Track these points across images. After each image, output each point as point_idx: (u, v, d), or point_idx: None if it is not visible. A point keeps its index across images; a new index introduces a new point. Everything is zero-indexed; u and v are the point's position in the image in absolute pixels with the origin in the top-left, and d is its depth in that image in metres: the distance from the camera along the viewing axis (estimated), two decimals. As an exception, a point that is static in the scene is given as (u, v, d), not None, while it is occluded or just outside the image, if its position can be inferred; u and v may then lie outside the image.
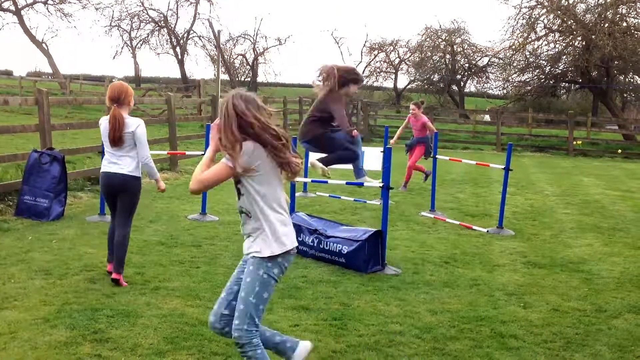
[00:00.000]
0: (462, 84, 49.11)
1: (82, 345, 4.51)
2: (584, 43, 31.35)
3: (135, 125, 5.80)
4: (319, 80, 7.49)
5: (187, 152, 13.06)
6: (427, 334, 5.06)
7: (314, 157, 8.12)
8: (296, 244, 3.82)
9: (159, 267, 6.53)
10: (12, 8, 43.15)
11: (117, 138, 5.75)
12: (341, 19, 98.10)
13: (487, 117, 34.18)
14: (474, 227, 9.26)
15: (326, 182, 8.41)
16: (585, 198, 12.76)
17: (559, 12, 31.32)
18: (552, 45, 33.47)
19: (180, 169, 13.95)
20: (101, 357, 4.34)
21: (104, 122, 5.93)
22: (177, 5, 50.04)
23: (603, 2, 30.80)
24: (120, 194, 5.89)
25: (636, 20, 31.71)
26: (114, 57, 61.54)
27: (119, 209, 5.97)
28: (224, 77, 35.60)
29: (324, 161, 7.90)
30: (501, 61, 40.07)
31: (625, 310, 5.88)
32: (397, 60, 51.82)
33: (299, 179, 8.91)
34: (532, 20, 32.49)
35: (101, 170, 6.01)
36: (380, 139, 26.63)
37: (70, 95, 33.63)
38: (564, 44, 32.90)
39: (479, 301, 5.95)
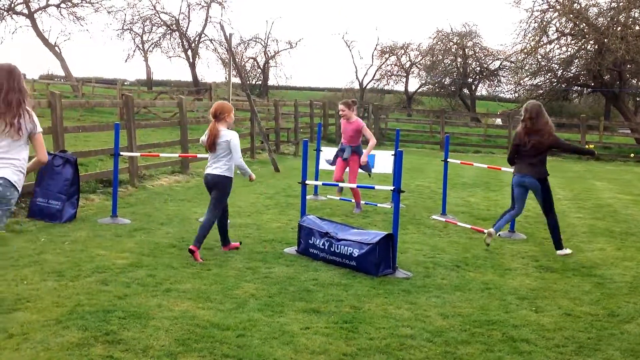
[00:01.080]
0: (473, 87, 49.04)
1: (94, 346, 4.53)
2: (596, 47, 31.21)
3: (229, 136, 7.05)
4: None
5: (198, 155, 13.06)
6: (438, 338, 5.04)
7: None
8: None
9: (171, 269, 6.55)
10: (25, 11, 43.43)
11: (212, 145, 7.09)
12: (343, 19, 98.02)
13: (498, 121, 34.07)
14: (486, 231, 9.22)
15: (337, 185, 8.42)
16: (598, 202, 12.70)
17: (571, 15, 31.20)
18: (564, 48, 33.35)
19: (191, 172, 13.99)
20: (113, 358, 4.35)
21: (206, 132, 7.23)
22: (189, 9, 50.34)
23: (616, 5, 30.67)
24: (214, 189, 7.19)
25: (649, 24, 31.55)
26: (125, 61, 61.97)
27: (210, 199, 7.30)
28: (235, 80, 35.65)
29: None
30: (513, 64, 40.00)
31: (638, 315, 5.84)
32: (408, 64, 51.81)
33: (310, 182, 8.92)
34: (544, 23, 32.38)
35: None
36: (391, 142, 26.67)
37: (83, 98, 33.82)
38: (576, 48, 32.77)
39: (490, 305, 5.93)
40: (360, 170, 10.43)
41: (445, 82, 47.93)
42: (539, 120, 7.99)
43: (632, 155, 24.89)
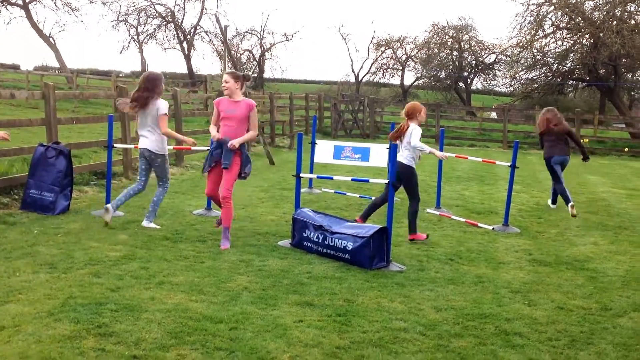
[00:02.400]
0: (469, 81, 49.03)
1: (86, 339, 4.52)
2: (591, 41, 31.23)
3: (412, 128, 8.01)
4: None
5: (192, 148, 13.03)
6: (432, 331, 5.05)
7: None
8: None
9: (164, 262, 6.54)
10: (20, 2, 43.25)
11: (397, 137, 8.13)
12: (339, 12, 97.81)
13: (493, 115, 34.11)
14: (480, 225, 9.24)
15: (332, 178, 8.41)
16: (592, 196, 12.72)
17: (567, 9, 31.21)
18: (559, 42, 33.37)
19: (186, 164, 13.96)
20: (105, 351, 4.34)
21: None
22: (184, 1, 50.16)
23: (611, -1, 30.68)
24: (404, 179, 8.09)
25: (644, 18, 31.57)
26: (120, 52, 61.86)
27: (406, 192, 8.32)
28: (231, 72, 35.57)
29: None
30: (508, 58, 40.04)
31: (631, 308, 5.86)
32: (404, 57, 51.77)
33: (305, 175, 8.90)
34: (540, 17, 32.38)
35: None
36: (386, 135, 26.59)
37: (77, 90, 33.69)
38: (571, 42, 32.78)
39: (483, 298, 5.94)
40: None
41: (441, 76, 47.91)
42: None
43: (626, 149, 24.93)
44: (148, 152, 8.01)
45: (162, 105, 7.97)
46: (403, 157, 8.07)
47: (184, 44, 51.26)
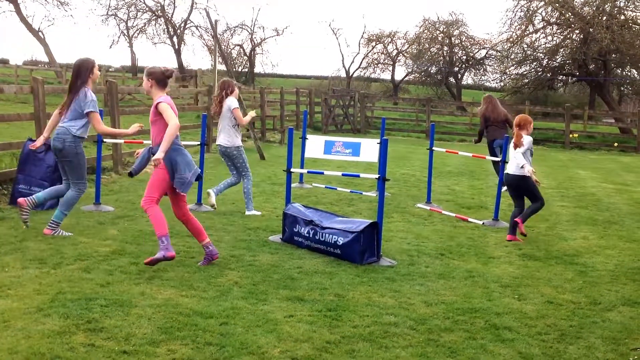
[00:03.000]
0: (459, 76, 49.12)
1: (76, 334, 4.50)
2: (581, 36, 31.35)
3: (527, 140, 8.32)
4: None
5: (183, 142, 13.00)
6: (422, 326, 5.06)
7: None
8: None
9: (154, 257, 6.50)
10: (9, -4, 42.93)
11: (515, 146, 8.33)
12: (329, 7, 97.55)
13: (484, 110, 34.10)
14: (470, 219, 9.26)
15: (322, 173, 8.40)
16: (581, 191, 12.78)
17: (557, 4, 31.30)
18: (549, 38, 33.50)
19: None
20: (95, 346, 4.33)
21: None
22: (174, -5, 49.88)
23: (601, -5, 30.77)
24: (522, 188, 8.39)
25: (634, 14, 31.73)
26: (110, 47, 61.60)
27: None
28: (221, 67, 35.40)
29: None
30: (499, 54, 40.09)
31: (620, 302, 5.89)
32: (394, 52, 51.80)
33: (296, 170, 8.90)
34: (530, 12, 32.48)
35: None
36: (377, 130, 26.63)
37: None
38: (561, 37, 32.90)
39: (473, 293, 5.95)
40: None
41: (432, 71, 47.97)
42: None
43: (615, 144, 25.05)
44: (222, 148, 9.20)
45: (231, 102, 9.13)
46: (514, 166, 8.29)
47: (174, 39, 51.04)
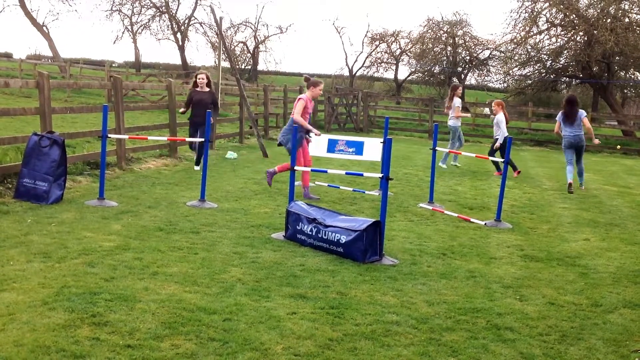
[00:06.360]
0: (462, 76, 49.10)
1: (81, 328, 4.53)
2: (585, 38, 31.30)
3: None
4: None
5: (186, 139, 13.05)
6: (424, 325, 5.09)
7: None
8: None
9: (158, 253, 6.55)
10: (13, -10, 42.96)
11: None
12: (333, 5, 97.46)
13: (487, 110, 34.12)
14: (472, 220, 9.29)
15: (326, 171, 8.43)
16: (583, 193, 12.79)
17: (562, 6, 31.25)
18: (553, 39, 33.42)
19: (179, 155, 13.95)
20: (99, 340, 4.36)
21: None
22: (179, -9, 49.90)
23: (606, -3, 30.73)
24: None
25: (638, 16, 31.67)
26: (114, 42, 61.56)
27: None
28: (225, 64, 35.48)
29: None
30: (502, 54, 40.06)
31: (621, 305, 5.91)
32: (398, 51, 51.82)
33: (299, 168, 8.93)
34: (535, 14, 32.42)
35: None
36: (380, 129, 26.63)
37: (71, 79, 33.54)
38: (565, 39, 32.85)
39: (475, 293, 5.98)
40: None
41: (435, 71, 47.98)
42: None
43: (618, 147, 25.03)
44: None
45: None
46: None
47: (178, 35, 51.08)
